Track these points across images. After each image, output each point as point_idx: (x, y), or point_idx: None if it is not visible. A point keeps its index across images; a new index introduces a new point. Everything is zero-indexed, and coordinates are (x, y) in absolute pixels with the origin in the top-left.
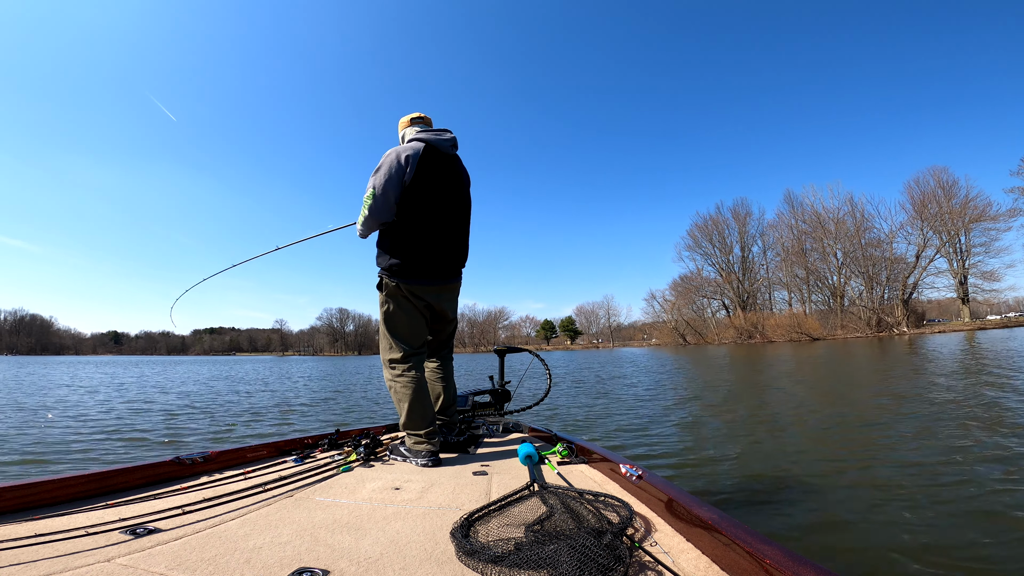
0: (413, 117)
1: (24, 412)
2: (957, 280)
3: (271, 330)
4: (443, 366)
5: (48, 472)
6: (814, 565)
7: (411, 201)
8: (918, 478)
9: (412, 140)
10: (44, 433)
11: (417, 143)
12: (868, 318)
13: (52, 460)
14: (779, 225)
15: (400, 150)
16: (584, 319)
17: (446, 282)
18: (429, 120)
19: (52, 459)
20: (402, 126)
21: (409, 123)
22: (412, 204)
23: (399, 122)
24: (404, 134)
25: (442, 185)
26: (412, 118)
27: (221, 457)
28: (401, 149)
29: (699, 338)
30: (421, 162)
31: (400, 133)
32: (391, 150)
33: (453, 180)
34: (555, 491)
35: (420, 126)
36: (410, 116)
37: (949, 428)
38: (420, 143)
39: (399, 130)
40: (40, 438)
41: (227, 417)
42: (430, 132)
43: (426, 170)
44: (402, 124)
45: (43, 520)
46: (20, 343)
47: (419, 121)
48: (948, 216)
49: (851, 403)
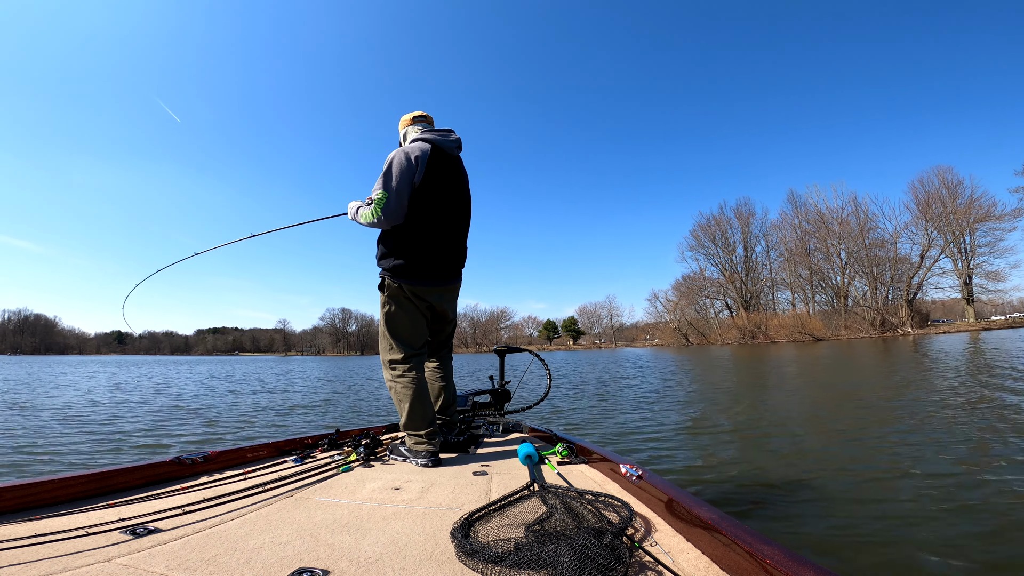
0: (415, 116)
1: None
2: (962, 280)
3: (274, 330)
4: (443, 366)
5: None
6: (814, 565)
7: (418, 203)
8: (920, 479)
9: (417, 140)
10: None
11: (424, 144)
12: (872, 318)
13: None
14: (782, 225)
15: (408, 150)
16: (586, 319)
17: (448, 283)
18: (431, 119)
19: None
20: (403, 124)
21: (411, 121)
22: (419, 206)
23: (400, 120)
24: (406, 133)
25: (448, 187)
26: (414, 116)
27: (221, 457)
28: (409, 149)
29: (702, 338)
30: (429, 163)
31: (401, 132)
32: (397, 150)
33: (457, 182)
34: (555, 491)
35: (423, 125)
36: (412, 115)
37: (955, 430)
38: (427, 144)
39: (400, 128)
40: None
41: (223, 420)
42: (435, 133)
43: (434, 172)
44: (403, 122)
45: (43, 520)
46: (24, 343)
47: (421, 120)
48: (953, 216)
49: (854, 404)
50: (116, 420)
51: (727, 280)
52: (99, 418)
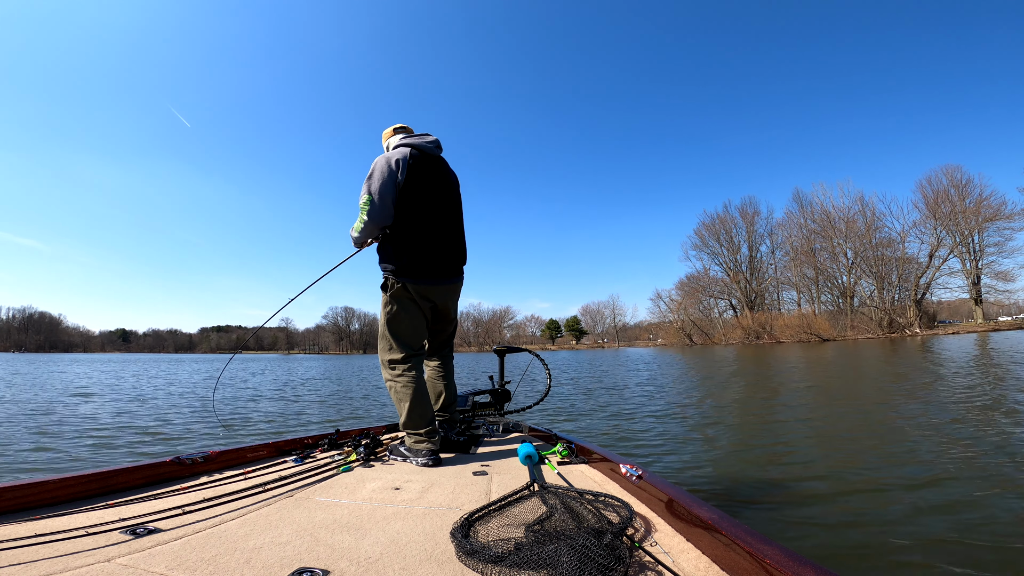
0: (396, 127)
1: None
2: (970, 281)
3: (277, 328)
4: (444, 365)
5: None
6: (814, 565)
7: (407, 202)
8: (922, 479)
9: (397, 146)
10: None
11: (403, 148)
12: (879, 319)
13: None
14: (788, 224)
15: (389, 155)
16: (589, 319)
17: (451, 281)
18: (410, 129)
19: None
20: (386, 136)
21: (392, 132)
22: (409, 205)
23: (383, 134)
24: (388, 143)
25: (434, 185)
26: (395, 128)
27: (221, 457)
28: (390, 154)
29: (706, 338)
30: (411, 164)
31: (384, 143)
32: (379, 157)
33: (443, 179)
34: (555, 491)
35: (403, 134)
36: (392, 127)
37: (960, 432)
38: (406, 147)
39: (383, 140)
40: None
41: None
42: (414, 137)
43: (417, 171)
44: (386, 135)
45: (43, 520)
46: (29, 340)
47: (401, 130)
48: (961, 215)
49: (859, 406)
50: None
51: (731, 279)
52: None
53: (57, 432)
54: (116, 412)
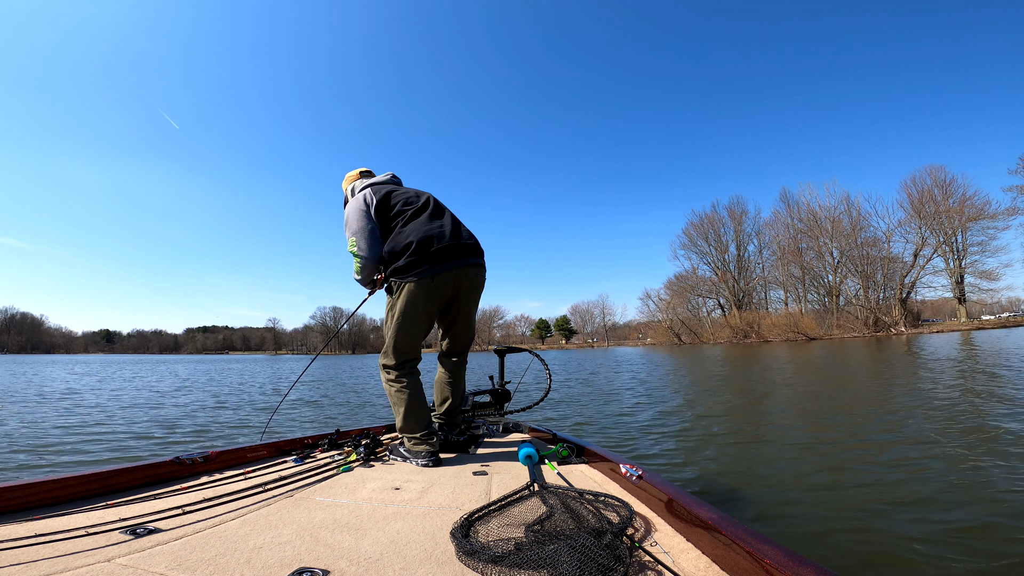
0: (360, 171)
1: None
2: (954, 280)
3: (264, 329)
4: (456, 371)
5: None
6: (814, 565)
7: (388, 220)
8: (922, 480)
9: (362, 189)
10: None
11: (366, 190)
12: (865, 318)
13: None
14: (775, 223)
15: (356, 198)
16: (579, 318)
17: (462, 262)
18: (373, 172)
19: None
20: (348, 181)
21: (357, 176)
22: (390, 220)
23: (346, 176)
24: (354, 186)
25: (407, 194)
26: (360, 172)
27: (221, 457)
28: (356, 197)
29: (694, 337)
30: (376, 194)
31: (348, 187)
32: (348, 204)
33: (415, 191)
34: (555, 491)
35: (366, 178)
36: (355, 171)
37: (959, 432)
38: (367, 185)
39: (345, 185)
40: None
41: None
42: (374, 178)
43: (384, 195)
44: (348, 179)
45: (43, 520)
46: (10, 342)
47: (366, 174)
48: (945, 215)
49: (853, 405)
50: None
51: (720, 279)
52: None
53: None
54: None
